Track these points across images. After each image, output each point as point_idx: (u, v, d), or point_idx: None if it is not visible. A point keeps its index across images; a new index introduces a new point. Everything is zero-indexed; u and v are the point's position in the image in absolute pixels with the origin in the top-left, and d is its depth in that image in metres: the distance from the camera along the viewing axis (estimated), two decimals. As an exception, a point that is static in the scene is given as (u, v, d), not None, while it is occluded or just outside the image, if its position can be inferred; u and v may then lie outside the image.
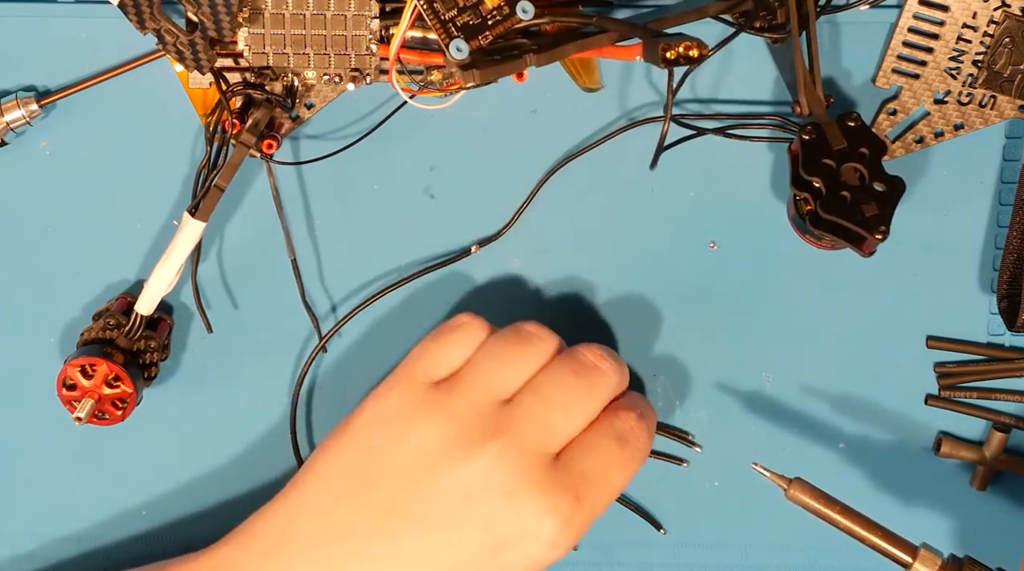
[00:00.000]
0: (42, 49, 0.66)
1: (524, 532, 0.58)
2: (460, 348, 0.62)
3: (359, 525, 0.59)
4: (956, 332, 0.69)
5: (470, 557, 0.58)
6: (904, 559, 0.58)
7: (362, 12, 0.62)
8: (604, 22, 0.61)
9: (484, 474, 0.58)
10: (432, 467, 0.59)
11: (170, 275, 0.65)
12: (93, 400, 0.65)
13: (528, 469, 0.59)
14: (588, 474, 0.60)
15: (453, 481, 0.58)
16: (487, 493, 0.58)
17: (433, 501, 0.58)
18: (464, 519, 0.58)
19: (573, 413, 0.61)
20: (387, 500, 0.59)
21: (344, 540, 0.59)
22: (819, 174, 0.62)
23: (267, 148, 0.63)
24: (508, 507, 0.58)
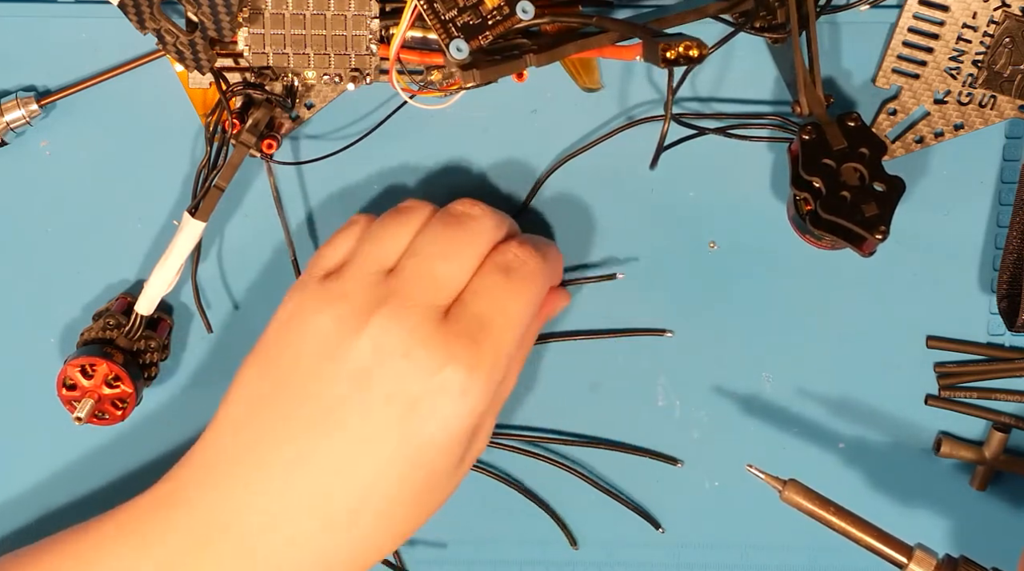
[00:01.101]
0: (42, 49, 0.66)
1: (429, 390, 0.57)
2: (346, 241, 0.62)
3: (276, 427, 0.58)
4: (956, 332, 0.69)
5: (384, 429, 0.57)
6: (899, 559, 0.58)
7: (362, 12, 0.62)
8: (604, 22, 0.61)
9: (376, 343, 0.57)
10: (330, 352, 0.58)
11: (170, 275, 0.65)
12: (93, 400, 0.65)
13: (418, 327, 0.57)
14: (480, 315, 0.59)
15: (351, 359, 0.58)
16: (383, 361, 0.57)
17: (337, 385, 0.58)
18: (367, 392, 0.57)
19: (451, 260, 0.60)
20: (296, 396, 0.58)
21: (265, 444, 0.58)
22: (819, 174, 0.62)
23: (267, 148, 0.63)
24: (407, 369, 0.57)
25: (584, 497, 0.71)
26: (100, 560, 0.59)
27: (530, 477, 0.71)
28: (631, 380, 0.70)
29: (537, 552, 0.72)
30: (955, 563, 0.58)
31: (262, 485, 0.58)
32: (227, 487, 0.58)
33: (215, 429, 0.60)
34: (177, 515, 0.59)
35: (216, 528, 0.58)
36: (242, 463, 0.58)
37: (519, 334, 0.60)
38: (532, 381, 0.70)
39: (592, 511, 0.71)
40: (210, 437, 0.60)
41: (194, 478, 0.60)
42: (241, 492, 0.58)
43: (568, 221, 0.68)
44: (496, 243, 0.62)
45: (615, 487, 0.71)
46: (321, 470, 0.57)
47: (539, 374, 0.70)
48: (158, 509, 0.59)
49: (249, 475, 0.58)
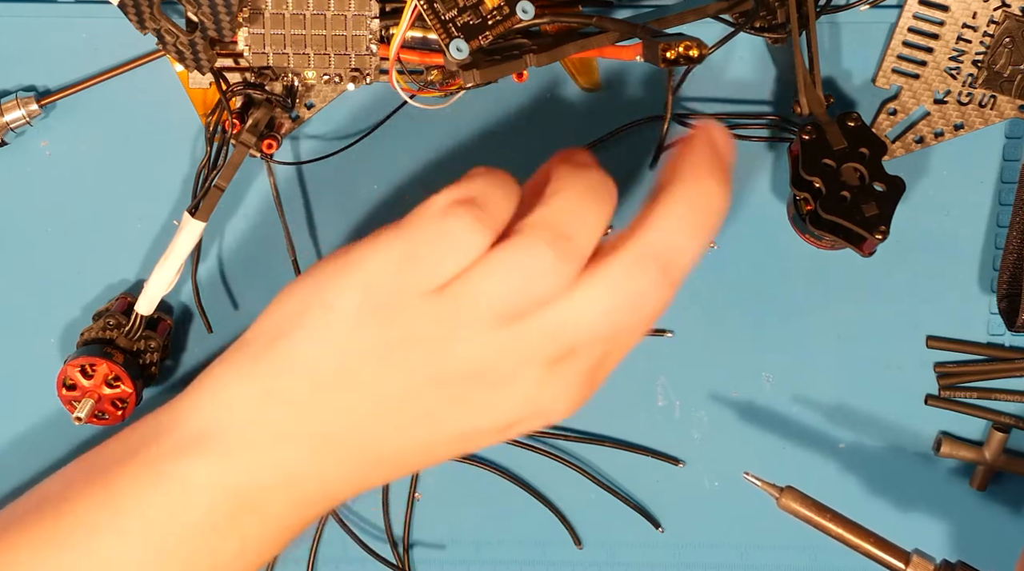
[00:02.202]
0: (42, 49, 0.66)
1: (541, 417, 0.55)
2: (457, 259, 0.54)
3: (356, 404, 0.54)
4: (956, 332, 0.69)
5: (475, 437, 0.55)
6: (896, 565, 0.58)
7: (362, 12, 0.62)
8: (604, 22, 0.61)
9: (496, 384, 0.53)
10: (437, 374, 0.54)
11: (170, 275, 0.65)
12: (93, 400, 0.65)
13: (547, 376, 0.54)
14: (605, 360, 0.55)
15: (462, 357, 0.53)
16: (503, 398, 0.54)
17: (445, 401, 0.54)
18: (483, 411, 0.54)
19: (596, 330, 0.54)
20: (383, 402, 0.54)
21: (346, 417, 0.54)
22: (819, 174, 0.62)
23: (267, 148, 0.63)
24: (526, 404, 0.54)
25: (584, 497, 0.71)
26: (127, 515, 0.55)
27: (531, 475, 0.71)
28: (631, 380, 0.70)
29: (537, 552, 0.72)
30: (952, 568, 0.58)
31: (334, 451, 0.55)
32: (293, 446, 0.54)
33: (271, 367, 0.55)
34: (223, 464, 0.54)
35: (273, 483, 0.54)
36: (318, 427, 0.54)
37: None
38: (532, 381, 0.70)
39: (592, 511, 0.71)
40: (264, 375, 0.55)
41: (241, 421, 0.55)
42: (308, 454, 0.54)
43: (568, 221, 0.68)
44: None
45: (615, 486, 0.71)
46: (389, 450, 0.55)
47: (539, 374, 0.70)
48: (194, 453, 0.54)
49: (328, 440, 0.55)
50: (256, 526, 0.55)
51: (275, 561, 0.72)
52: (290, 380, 0.54)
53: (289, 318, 0.54)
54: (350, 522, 0.72)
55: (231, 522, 0.54)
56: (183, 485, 0.54)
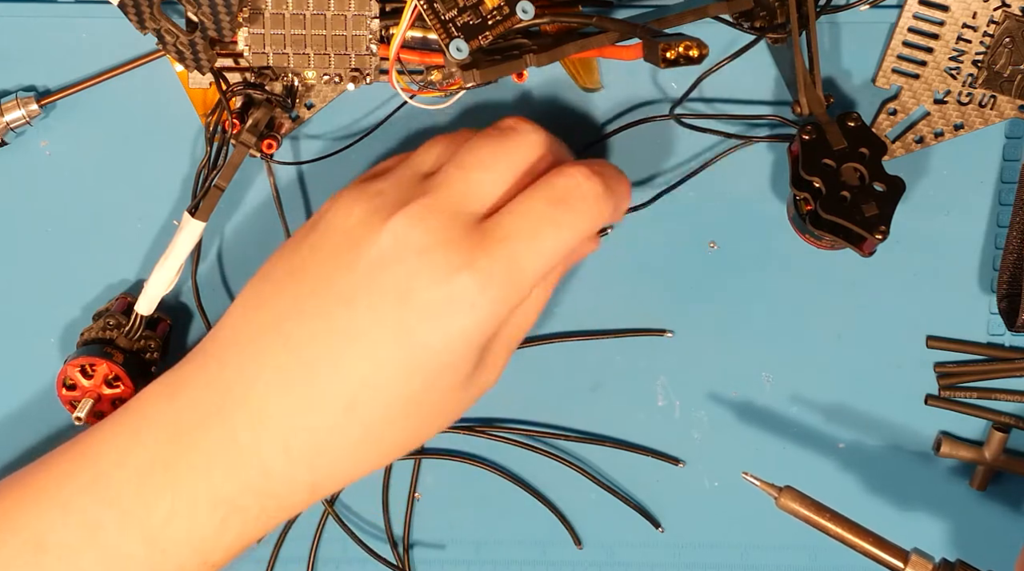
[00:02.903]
0: (42, 49, 0.66)
1: (438, 296, 0.55)
2: (401, 158, 0.61)
3: (289, 308, 0.57)
4: (956, 332, 0.69)
5: (387, 326, 0.55)
6: (895, 564, 0.58)
7: (362, 12, 0.62)
8: (604, 22, 0.61)
9: (397, 237, 0.55)
10: (352, 241, 0.56)
11: (170, 275, 0.65)
12: (92, 400, 0.65)
13: (442, 228, 0.55)
14: (511, 236, 0.56)
15: (370, 250, 0.56)
16: (400, 256, 0.55)
17: (351, 273, 0.56)
18: (380, 284, 0.55)
19: (488, 169, 0.58)
20: (313, 282, 0.57)
21: (277, 327, 0.57)
22: (819, 174, 0.62)
23: (267, 148, 0.63)
24: (421, 268, 0.55)
25: (584, 497, 0.71)
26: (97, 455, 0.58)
27: (531, 476, 0.71)
28: (631, 380, 0.70)
29: (537, 552, 0.72)
30: (951, 567, 0.58)
31: (273, 360, 0.56)
32: (239, 361, 0.57)
33: (233, 309, 0.59)
34: (185, 393, 0.58)
35: (230, 399, 0.57)
36: (256, 339, 0.57)
37: (548, 264, 0.57)
38: (533, 381, 0.70)
39: (592, 511, 0.71)
40: (227, 317, 0.59)
41: (211, 353, 0.59)
42: (253, 366, 0.57)
43: (568, 221, 0.68)
44: (549, 162, 0.59)
45: (615, 486, 0.71)
46: (325, 355, 0.56)
47: (539, 374, 0.70)
48: (162, 392, 0.59)
49: (261, 350, 0.57)
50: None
51: (274, 561, 0.72)
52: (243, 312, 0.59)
53: None
54: (350, 522, 0.72)
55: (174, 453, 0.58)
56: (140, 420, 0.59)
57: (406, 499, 0.71)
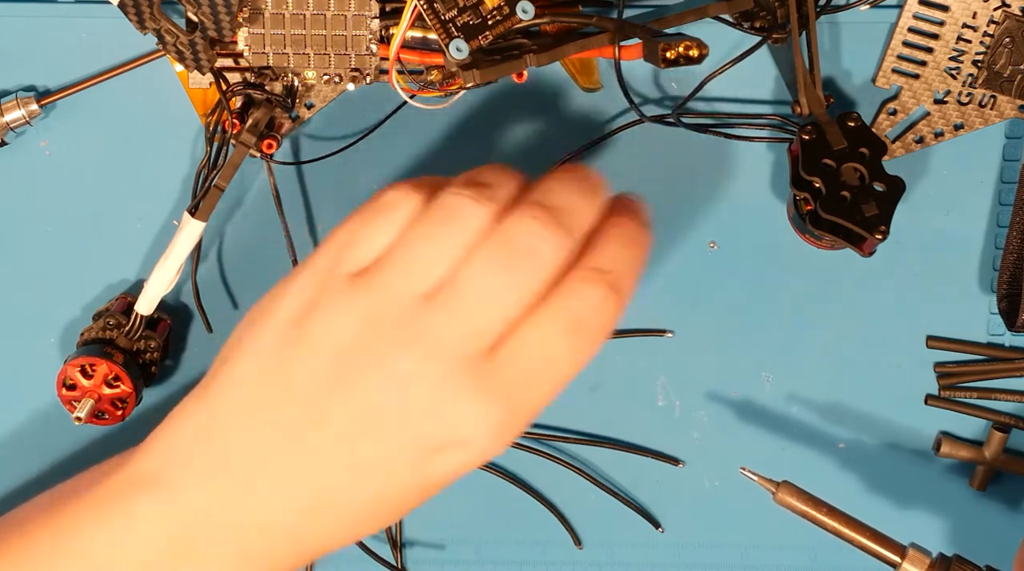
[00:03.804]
0: (42, 49, 0.66)
1: (452, 444, 0.51)
2: (385, 231, 0.52)
3: (277, 437, 0.53)
4: (956, 332, 0.69)
5: (394, 470, 0.52)
6: (892, 559, 0.58)
7: (362, 12, 0.62)
8: (604, 22, 0.61)
9: (403, 385, 0.51)
10: (350, 376, 0.51)
11: (170, 275, 0.65)
12: (93, 400, 0.65)
13: (452, 377, 0.51)
14: (528, 374, 0.51)
15: (372, 395, 0.51)
16: (408, 406, 0.51)
17: (352, 418, 0.52)
18: (386, 432, 0.51)
19: (502, 303, 0.51)
20: (305, 410, 0.52)
21: (264, 450, 0.53)
22: (819, 174, 0.62)
23: (267, 148, 0.63)
24: (433, 419, 0.51)
25: (584, 497, 0.71)
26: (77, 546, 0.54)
27: (530, 476, 0.71)
28: (631, 380, 0.70)
29: (537, 552, 0.72)
30: (948, 562, 0.58)
31: (260, 486, 0.53)
32: (223, 480, 0.53)
33: (203, 413, 0.54)
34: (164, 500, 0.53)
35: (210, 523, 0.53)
36: (237, 466, 0.54)
37: (559, 390, 0.52)
38: (532, 381, 0.70)
39: (592, 511, 0.71)
40: (197, 422, 0.54)
41: (173, 468, 0.54)
42: (239, 491, 0.53)
43: (568, 221, 0.68)
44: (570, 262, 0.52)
45: (615, 486, 0.71)
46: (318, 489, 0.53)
47: (539, 374, 0.70)
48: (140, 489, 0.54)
49: (251, 474, 0.53)
50: None
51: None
52: (223, 410, 0.53)
53: (232, 344, 0.53)
54: (350, 522, 0.72)
55: (170, 563, 0.53)
56: (127, 522, 0.53)
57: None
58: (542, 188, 0.52)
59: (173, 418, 0.55)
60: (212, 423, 0.53)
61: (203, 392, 0.54)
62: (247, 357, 0.53)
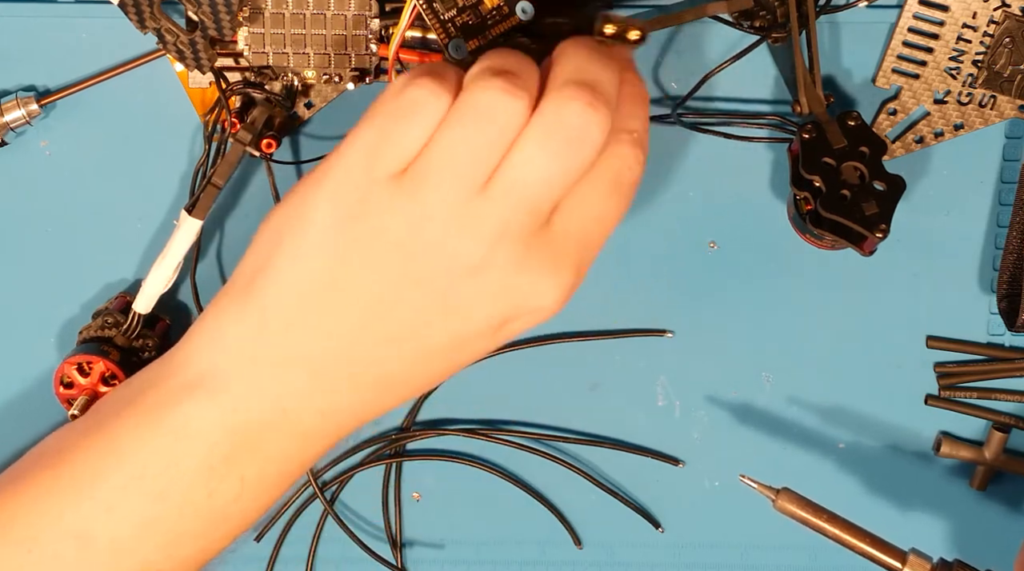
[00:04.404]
0: (42, 49, 0.66)
1: (525, 312, 0.54)
2: (418, 130, 0.53)
3: (342, 334, 0.54)
4: (956, 332, 0.69)
5: (469, 346, 0.54)
6: (893, 565, 0.58)
7: (362, 12, 0.62)
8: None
9: (475, 273, 0.52)
10: (415, 273, 0.53)
11: (168, 273, 0.65)
12: (88, 397, 0.65)
13: (522, 256, 0.53)
14: (585, 235, 0.54)
15: (443, 285, 0.53)
16: (482, 290, 0.53)
17: (423, 306, 0.53)
18: (461, 317, 0.53)
19: (561, 185, 0.53)
20: (370, 309, 0.53)
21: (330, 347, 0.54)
22: (819, 173, 0.62)
23: (267, 147, 0.63)
24: (507, 297, 0.53)
25: (584, 497, 0.71)
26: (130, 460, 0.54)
27: (531, 476, 0.71)
28: (631, 380, 0.70)
29: (537, 552, 0.72)
30: (949, 566, 0.58)
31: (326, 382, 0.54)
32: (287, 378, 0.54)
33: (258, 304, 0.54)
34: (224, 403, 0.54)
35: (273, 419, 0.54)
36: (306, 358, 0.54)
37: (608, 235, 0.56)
38: (532, 381, 0.70)
39: (592, 511, 0.71)
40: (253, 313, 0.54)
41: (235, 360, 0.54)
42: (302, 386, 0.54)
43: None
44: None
45: (615, 486, 0.71)
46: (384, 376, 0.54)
47: (539, 374, 0.70)
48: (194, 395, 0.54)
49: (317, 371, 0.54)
50: (255, 466, 0.55)
51: (274, 561, 0.72)
52: (277, 307, 0.53)
53: (268, 246, 0.54)
54: (350, 522, 0.72)
55: (228, 463, 0.54)
56: (180, 429, 0.54)
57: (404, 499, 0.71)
58: (567, 66, 0.54)
59: (212, 320, 0.55)
60: (266, 323, 0.54)
61: (245, 294, 0.54)
62: (294, 262, 0.54)
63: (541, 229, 0.53)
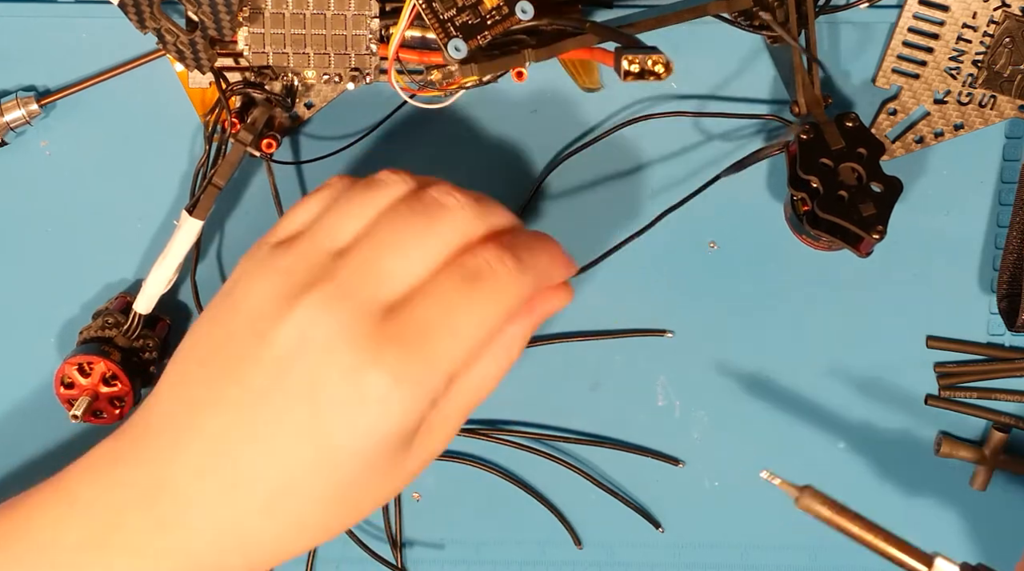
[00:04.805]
0: (42, 49, 0.66)
1: (345, 395, 0.51)
2: (313, 207, 0.56)
3: (204, 398, 0.53)
4: (956, 332, 0.69)
5: (296, 428, 0.52)
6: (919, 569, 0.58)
7: (362, 12, 0.62)
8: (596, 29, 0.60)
9: (302, 330, 0.52)
10: (258, 332, 0.53)
11: (168, 274, 0.65)
12: (89, 398, 0.65)
13: (348, 322, 0.52)
14: (424, 322, 0.52)
15: (276, 344, 0.52)
16: (305, 352, 0.52)
17: (259, 370, 0.52)
18: (287, 382, 0.52)
19: (405, 253, 0.53)
20: (223, 373, 0.53)
21: (195, 415, 0.53)
22: (817, 174, 0.62)
23: (267, 147, 0.63)
24: (326, 366, 0.51)
25: (584, 497, 0.71)
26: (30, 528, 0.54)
27: (530, 476, 0.71)
28: (631, 380, 0.70)
29: (537, 552, 0.72)
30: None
31: (194, 448, 0.53)
32: (162, 444, 0.54)
33: (160, 385, 0.56)
34: (116, 471, 0.54)
35: (155, 483, 0.53)
36: (177, 424, 0.54)
37: (467, 348, 0.53)
38: (532, 381, 0.70)
39: (592, 511, 0.71)
40: (155, 395, 0.55)
41: (140, 430, 0.55)
42: (175, 451, 0.53)
43: (568, 220, 0.68)
44: (470, 240, 0.55)
45: (615, 486, 0.71)
46: (240, 450, 0.52)
47: (539, 374, 0.70)
48: (95, 468, 0.55)
49: (181, 437, 0.53)
50: None
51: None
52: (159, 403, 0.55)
53: None
54: (350, 522, 0.72)
55: None
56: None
57: (404, 500, 0.71)
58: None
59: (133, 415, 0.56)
60: (154, 400, 0.55)
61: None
62: (186, 338, 0.56)
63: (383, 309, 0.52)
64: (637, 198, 0.68)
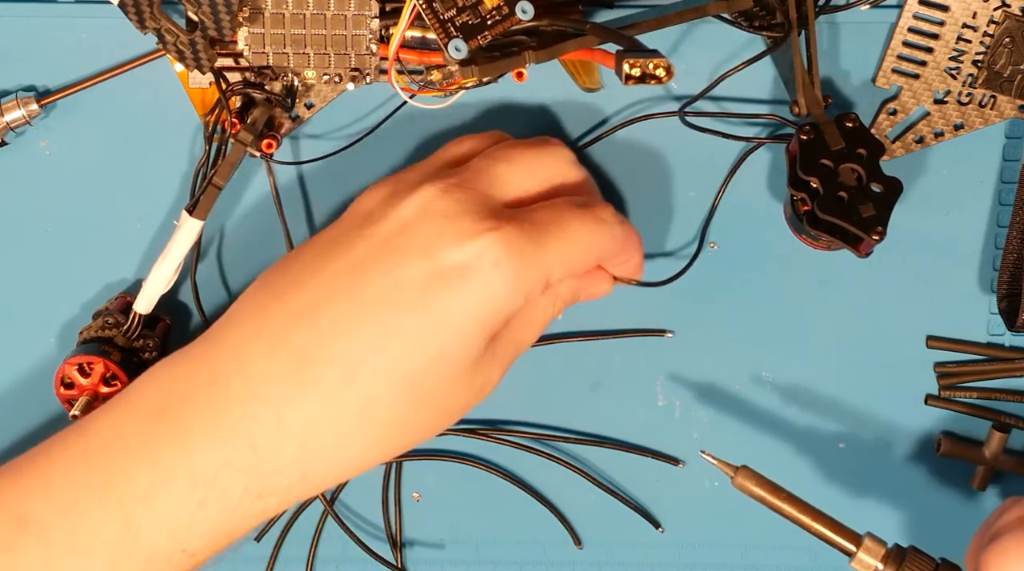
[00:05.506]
0: (42, 49, 0.66)
1: (463, 260, 0.53)
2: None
3: (294, 281, 0.56)
4: (956, 332, 0.69)
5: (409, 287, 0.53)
6: (848, 547, 0.58)
7: (362, 12, 0.62)
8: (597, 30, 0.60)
9: (423, 203, 0.55)
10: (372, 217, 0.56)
11: (168, 274, 0.65)
12: (89, 398, 0.65)
13: (470, 200, 0.55)
14: (540, 220, 0.56)
15: (391, 219, 0.55)
16: (425, 218, 0.54)
17: (370, 241, 0.55)
18: (399, 246, 0.54)
19: (517, 166, 0.59)
20: (326, 254, 0.55)
21: (280, 298, 0.55)
22: (817, 174, 0.62)
23: (267, 147, 0.63)
24: (447, 227, 0.54)
25: (584, 497, 0.71)
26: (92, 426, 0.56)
27: (531, 476, 0.71)
28: (631, 380, 0.70)
29: (537, 552, 0.72)
30: (903, 553, 0.58)
31: (274, 329, 0.54)
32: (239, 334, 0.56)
33: (243, 293, 0.58)
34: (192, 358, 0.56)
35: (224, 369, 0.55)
36: (259, 311, 0.56)
37: (568, 257, 0.56)
38: (532, 381, 0.70)
39: (592, 511, 0.71)
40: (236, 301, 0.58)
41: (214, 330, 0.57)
42: (252, 336, 0.55)
43: (568, 221, 0.68)
44: (571, 181, 0.60)
45: (615, 486, 0.71)
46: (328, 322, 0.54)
47: (539, 374, 0.70)
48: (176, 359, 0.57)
49: (263, 321, 0.55)
50: None
51: (274, 561, 0.72)
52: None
53: None
54: (350, 522, 0.72)
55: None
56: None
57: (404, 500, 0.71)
58: None
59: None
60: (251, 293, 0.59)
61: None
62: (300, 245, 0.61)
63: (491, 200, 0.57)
64: (637, 198, 0.68)
